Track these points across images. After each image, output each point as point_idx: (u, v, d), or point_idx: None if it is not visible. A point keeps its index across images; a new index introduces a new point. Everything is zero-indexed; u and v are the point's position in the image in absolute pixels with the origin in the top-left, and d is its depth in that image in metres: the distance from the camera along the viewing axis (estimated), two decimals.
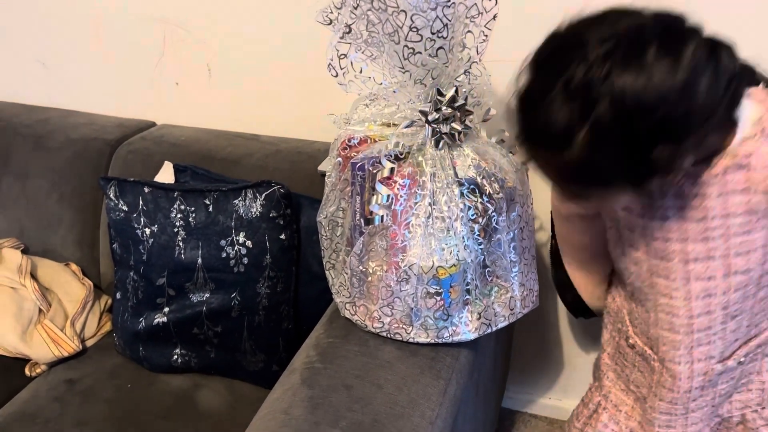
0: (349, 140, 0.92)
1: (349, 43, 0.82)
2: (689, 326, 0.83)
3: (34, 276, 1.32)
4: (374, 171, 0.86)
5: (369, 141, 0.92)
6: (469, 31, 0.84)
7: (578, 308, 1.09)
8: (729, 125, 0.70)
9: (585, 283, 1.03)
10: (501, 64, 1.23)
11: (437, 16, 0.78)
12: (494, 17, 0.83)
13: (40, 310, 1.28)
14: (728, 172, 0.73)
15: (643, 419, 0.95)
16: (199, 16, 1.43)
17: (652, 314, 0.87)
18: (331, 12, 0.83)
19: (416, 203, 0.86)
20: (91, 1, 1.50)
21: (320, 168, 1.25)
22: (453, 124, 0.87)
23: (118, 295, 1.27)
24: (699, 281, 0.80)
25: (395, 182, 0.86)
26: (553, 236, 1.06)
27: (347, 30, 0.81)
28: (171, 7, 1.44)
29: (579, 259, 1.02)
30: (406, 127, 0.89)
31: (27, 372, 1.26)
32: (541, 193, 1.24)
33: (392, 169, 0.85)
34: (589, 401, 1.04)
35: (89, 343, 1.32)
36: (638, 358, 0.94)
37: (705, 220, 0.76)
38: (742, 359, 0.87)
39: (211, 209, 1.16)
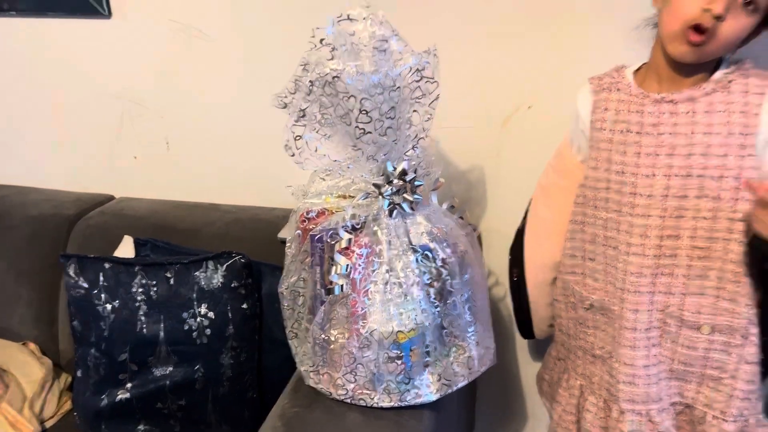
0: (308, 213, 0.96)
1: (304, 125, 0.88)
2: (658, 248, 0.94)
3: None
4: (332, 242, 0.90)
5: (327, 213, 0.96)
6: (415, 111, 0.90)
7: (520, 300, 1.18)
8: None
9: (535, 257, 1.13)
10: (448, 131, 1.33)
11: (385, 99, 0.84)
12: (437, 98, 0.89)
13: None
14: (714, 93, 0.90)
15: (611, 380, 1.01)
16: (156, 92, 1.48)
17: (623, 246, 0.96)
18: (286, 96, 0.88)
19: (374, 271, 0.90)
20: (49, 79, 1.53)
21: (280, 235, 1.28)
22: (405, 195, 0.92)
23: (78, 373, 1.26)
24: (675, 198, 0.92)
25: (353, 252, 0.90)
26: (525, 217, 1.17)
27: (302, 114, 0.86)
28: (128, 84, 1.49)
29: (539, 233, 1.13)
30: (362, 199, 0.94)
31: None
32: (493, 255, 1.31)
33: (350, 240, 0.90)
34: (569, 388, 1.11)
35: (49, 423, 1.29)
36: (598, 315, 1.03)
37: (691, 136, 0.90)
38: (705, 317, 0.94)
39: (172, 282, 1.18)
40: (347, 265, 0.88)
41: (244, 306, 1.17)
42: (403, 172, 0.92)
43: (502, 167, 1.35)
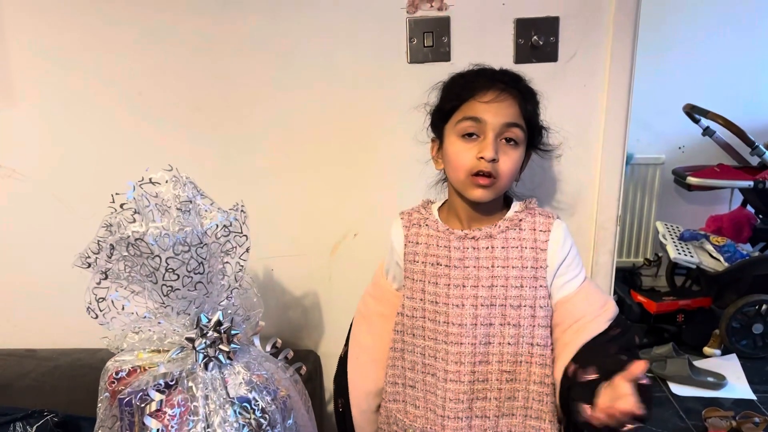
0: (117, 373, 0.92)
1: (107, 287, 0.86)
2: (472, 373, 0.99)
3: None
4: (142, 405, 0.86)
5: (138, 371, 0.93)
6: (227, 262, 0.92)
7: (346, 429, 1.17)
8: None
9: (359, 384, 1.14)
10: (282, 260, 1.36)
11: (192, 257, 0.85)
12: (247, 249, 0.92)
13: None
14: (508, 231, 0.99)
15: None
16: None
17: (441, 372, 1.00)
18: (89, 256, 0.86)
19: (190, 430, 0.87)
20: None
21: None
22: (221, 346, 0.92)
23: None
24: (483, 326, 0.98)
25: (165, 413, 0.87)
26: (346, 344, 1.18)
27: (104, 276, 0.84)
28: None
29: (362, 360, 1.14)
30: (176, 354, 0.92)
31: None
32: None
33: (161, 401, 0.87)
34: None
35: None
36: None
37: (492, 269, 0.98)
38: None
39: None
40: (158, 429, 0.85)
41: None
42: (218, 323, 0.92)
43: (333, 292, 1.40)
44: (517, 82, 0.99)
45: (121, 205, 0.83)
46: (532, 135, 1.01)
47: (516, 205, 1.04)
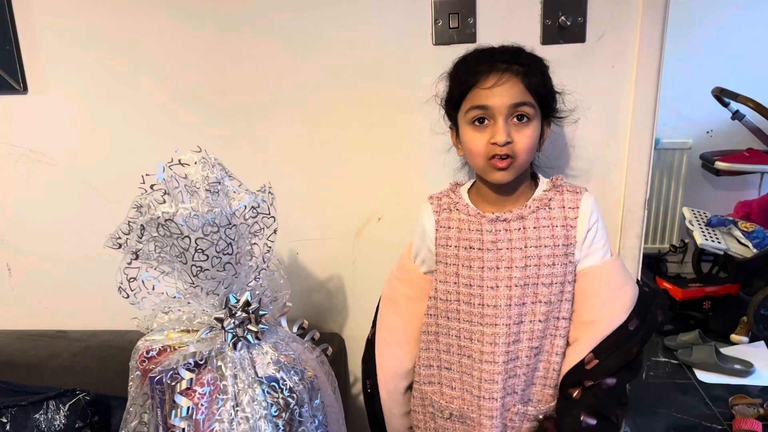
0: (148, 352, 0.94)
1: (138, 268, 0.87)
2: (506, 354, 0.99)
3: None
4: (173, 383, 0.88)
5: (169, 350, 0.94)
6: (254, 244, 0.92)
7: (374, 410, 1.18)
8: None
9: (386, 366, 1.14)
10: (308, 244, 1.36)
11: (221, 237, 0.86)
12: (275, 231, 0.92)
13: None
14: (538, 210, 0.99)
15: None
16: None
17: (477, 354, 1.01)
18: (120, 237, 0.88)
19: (219, 408, 0.89)
20: None
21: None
22: (249, 326, 0.93)
23: None
24: (517, 306, 0.99)
25: (195, 391, 0.88)
26: (374, 326, 1.18)
27: (134, 256, 0.85)
28: None
29: (389, 342, 1.15)
30: (205, 334, 0.93)
31: None
32: (357, 361, 1.32)
33: (191, 380, 0.88)
34: None
35: None
36: (458, 424, 1.07)
37: (525, 249, 0.98)
38: (541, 406, 1.03)
39: (8, 428, 1.09)
40: (189, 407, 0.86)
41: None
42: (246, 303, 0.93)
43: (358, 275, 1.40)
44: (517, 56, 0.97)
45: (151, 186, 0.84)
46: (546, 104, 1.00)
47: (543, 184, 1.03)
